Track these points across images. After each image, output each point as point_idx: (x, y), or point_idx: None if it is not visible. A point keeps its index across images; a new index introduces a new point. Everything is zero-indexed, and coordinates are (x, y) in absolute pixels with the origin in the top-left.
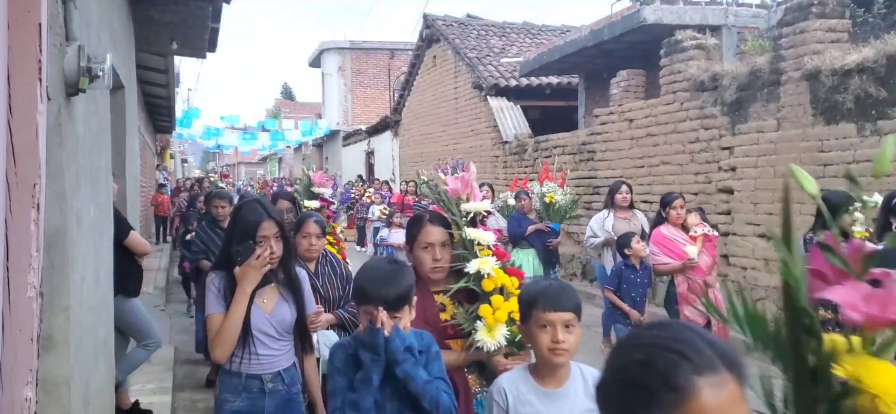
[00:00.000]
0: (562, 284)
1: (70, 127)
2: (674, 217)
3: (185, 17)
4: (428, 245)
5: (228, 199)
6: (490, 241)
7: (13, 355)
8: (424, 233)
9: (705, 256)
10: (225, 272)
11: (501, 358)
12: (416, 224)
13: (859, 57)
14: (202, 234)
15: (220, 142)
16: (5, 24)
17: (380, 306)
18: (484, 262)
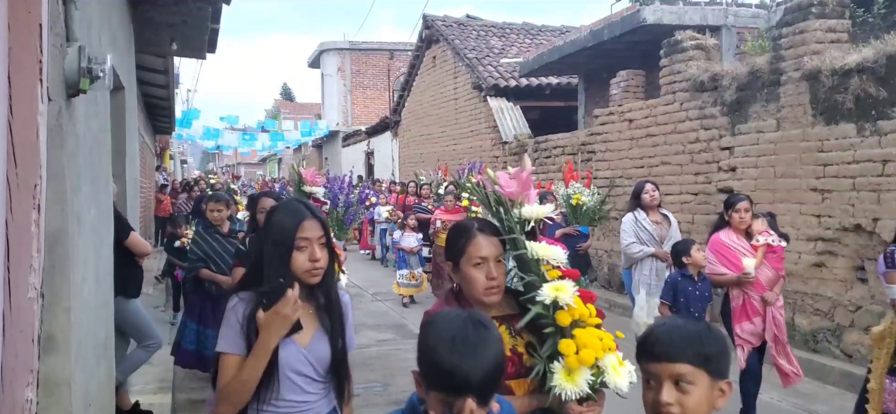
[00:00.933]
0: (679, 325)
1: (70, 128)
2: (736, 221)
3: (184, 17)
4: (480, 260)
5: (225, 203)
6: (562, 259)
7: (14, 356)
8: (475, 246)
9: (767, 270)
10: (252, 295)
11: (575, 405)
12: (462, 235)
13: (859, 57)
14: (199, 239)
15: (220, 143)
16: (6, 24)
17: (469, 397)
18: (561, 288)
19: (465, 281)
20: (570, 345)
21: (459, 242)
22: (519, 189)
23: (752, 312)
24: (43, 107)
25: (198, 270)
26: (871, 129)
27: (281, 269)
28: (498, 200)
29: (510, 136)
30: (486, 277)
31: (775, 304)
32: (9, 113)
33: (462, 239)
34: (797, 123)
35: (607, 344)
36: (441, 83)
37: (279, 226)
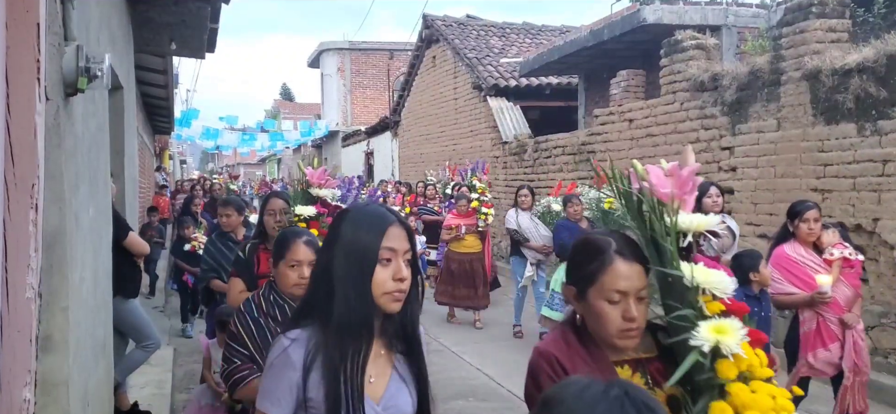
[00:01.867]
0: None
1: (69, 127)
2: (804, 232)
3: (183, 17)
4: (618, 296)
5: (236, 207)
6: (727, 288)
7: (11, 356)
8: (612, 275)
9: (844, 287)
10: (311, 335)
11: None
12: (594, 257)
13: (859, 57)
14: (212, 247)
15: (219, 143)
16: (3, 23)
17: None
18: (725, 330)
19: (593, 316)
20: (728, 409)
21: (590, 266)
22: (677, 190)
23: (829, 337)
24: (41, 106)
25: (209, 281)
26: (872, 129)
27: (360, 292)
28: (646, 204)
29: (510, 136)
30: (624, 316)
31: (856, 327)
32: (6, 112)
33: (594, 263)
34: (797, 123)
35: (782, 405)
36: (441, 83)
37: (356, 233)
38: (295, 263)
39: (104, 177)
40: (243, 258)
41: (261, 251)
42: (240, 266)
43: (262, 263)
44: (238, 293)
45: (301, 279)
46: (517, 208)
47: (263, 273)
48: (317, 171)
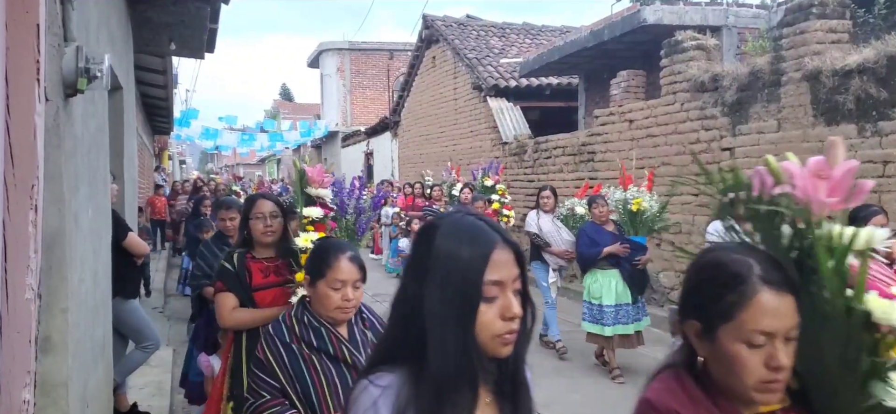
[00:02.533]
0: None
1: (68, 128)
2: None
3: (183, 17)
4: (763, 338)
5: (238, 209)
6: None
7: (11, 357)
8: (756, 309)
9: None
10: (403, 382)
11: None
12: (731, 284)
13: (860, 58)
14: (206, 252)
15: (219, 143)
16: (3, 24)
17: None
18: None
19: (723, 361)
20: None
21: (724, 297)
22: (835, 195)
23: None
24: (40, 107)
25: (202, 288)
26: (872, 130)
27: (461, 337)
28: (790, 213)
29: (510, 136)
30: (768, 364)
31: None
32: (6, 113)
33: (731, 294)
34: (798, 124)
35: None
36: (441, 83)
37: (454, 259)
38: (339, 286)
39: (104, 177)
40: (232, 270)
41: (250, 261)
42: (228, 279)
43: (255, 275)
44: (231, 310)
45: (345, 302)
46: (538, 210)
47: (258, 285)
48: (315, 169)
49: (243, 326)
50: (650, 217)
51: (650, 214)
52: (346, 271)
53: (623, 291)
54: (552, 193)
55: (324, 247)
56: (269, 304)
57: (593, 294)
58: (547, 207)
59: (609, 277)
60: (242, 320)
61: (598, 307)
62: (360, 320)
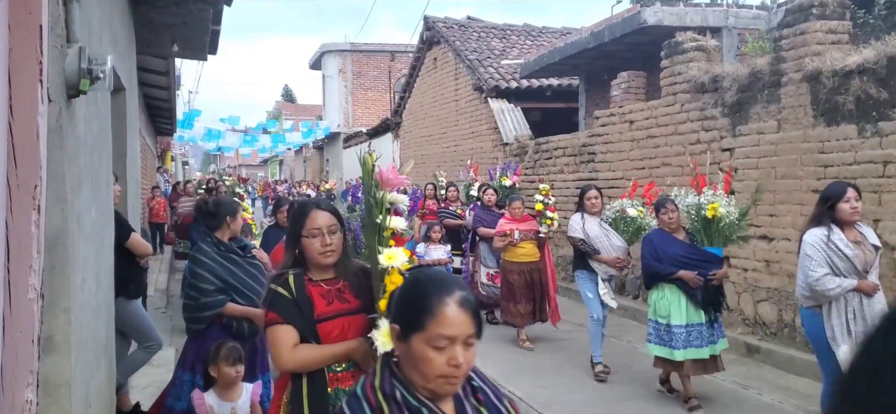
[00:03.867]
0: None
1: (71, 129)
2: None
3: (185, 19)
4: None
5: None
6: None
7: (14, 357)
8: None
9: None
10: None
11: None
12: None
13: (860, 58)
14: (209, 262)
15: (221, 144)
16: (6, 25)
17: None
18: None
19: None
20: None
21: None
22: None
23: None
24: (43, 108)
25: (223, 307)
26: (872, 131)
27: None
28: None
29: (511, 137)
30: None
31: None
32: (9, 114)
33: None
34: (798, 125)
35: None
36: (442, 85)
37: None
38: (444, 343)
39: (106, 178)
40: (289, 296)
41: (310, 286)
42: (285, 308)
43: (316, 302)
44: (291, 349)
45: (453, 369)
46: (583, 213)
47: (321, 315)
48: (388, 171)
49: (307, 367)
50: (728, 225)
51: (728, 222)
52: (455, 323)
53: (690, 310)
54: (599, 194)
55: (420, 283)
56: (335, 338)
57: (660, 312)
58: (593, 209)
59: (677, 294)
60: (307, 361)
61: (666, 327)
62: (471, 391)
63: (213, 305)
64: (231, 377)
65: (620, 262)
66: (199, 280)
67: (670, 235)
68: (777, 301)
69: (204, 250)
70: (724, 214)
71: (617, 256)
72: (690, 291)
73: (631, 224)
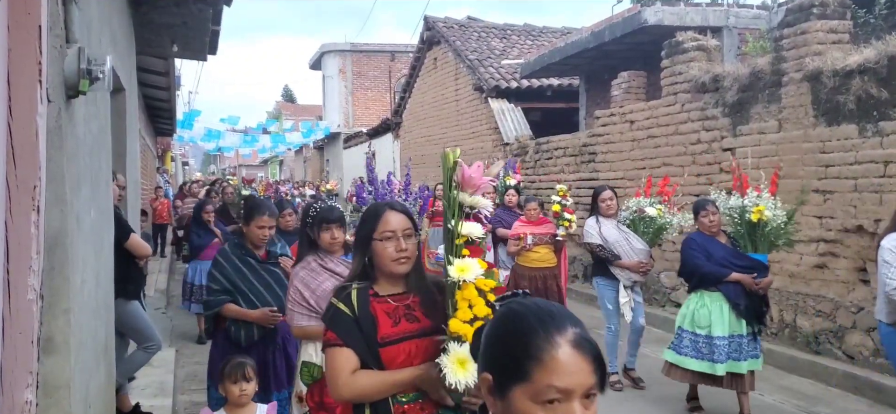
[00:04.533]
0: None
1: (70, 129)
2: None
3: (185, 19)
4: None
5: (275, 216)
6: None
7: (13, 358)
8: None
9: None
10: None
11: None
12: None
13: (861, 58)
14: (226, 263)
15: (221, 144)
16: (5, 25)
17: None
18: None
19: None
20: None
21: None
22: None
23: None
24: (42, 108)
25: (221, 307)
26: (873, 130)
27: None
28: None
29: (511, 137)
30: None
31: None
32: (8, 114)
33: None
34: (799, 124)
35: None
36: (442, 85)
37: None
38: (558, 397)
39: (106, 179)
40: (350, 315)
41: (374, 303)
42: (346, 327)
43: (381, 321)
44: (350, 374)
45: (333, 239)
46: (598, 216)
47: (386, 338)
48: (474, 167)
49: (367, 397)
50: (773, 230)
51: (773, 227)
52: (571, 371)
53: (733, 319)
54: (614, 195)
55: (520, 318)
56: (401, 364)
57: (699, 322)
58: (609, 211)
59: (719, 302)
60: (367, 390)
61: (706, 339)
62: None
63: (213, 303)
64: (235, 396)
65: (643, 266)
66: (210, 278)
67: (713, 239)
68: (778, 301)
69: (223, 250)
70: (770, 218)
71: (639, 259)
72: (734, 299)
73: (650, 224)
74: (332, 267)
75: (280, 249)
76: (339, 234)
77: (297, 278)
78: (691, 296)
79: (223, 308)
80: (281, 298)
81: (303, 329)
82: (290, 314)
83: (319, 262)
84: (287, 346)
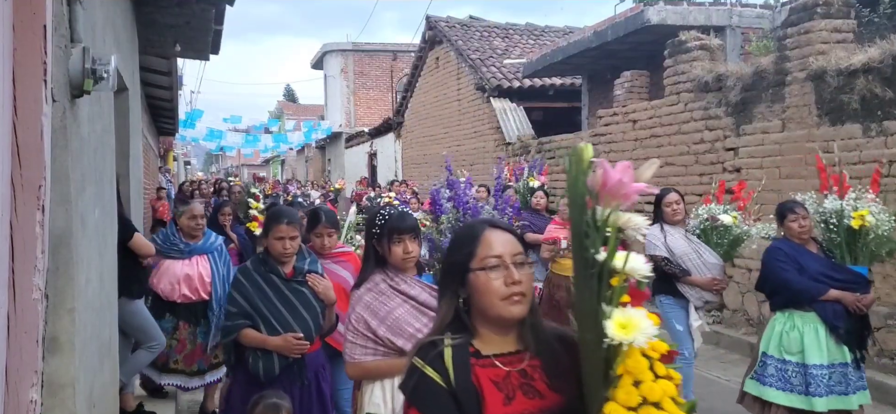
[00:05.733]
0: None
1: (75, 129)
2: None
3: (188, 19)
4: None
5: (299, 225)
6: None
7: (18, 357)
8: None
9: None
10: None
11: None
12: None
13: (865, 57)
14: (246, 281)
15: (223, 143)
16: (11, 26)
17: None
18: None
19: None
20: None
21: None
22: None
23: None
24: (47, 108)
25: (239, 332)
26: (877, 130)
27: None
28: None
29: (513, 137)
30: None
31: None
32: (13, 114)
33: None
34: (802, 124)
35: None
36: (444, 84)
37: None
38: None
39: (110, 178)
40: (445, 384)
41: (475, 363)
42: (437, 404)
43: (487, 392)
44: None
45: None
46: (662, 224)
47: None
48: (619, 167)
49: None
50: (877, 238)
51: (877, 235)
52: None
53: (831, 344)
54: (681, 199)
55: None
56: None
57: (789, 347)
58: (676, 217)
59: (813, 324)
60: None
61: (798, 367)
62: None
63: (229, 329)
64: None
65: (717, 283)
66: (228, 299)
67: (803, 248)
68: None
69: (245, 267)
70: (873, 224)
71: (712, 276)
72: (833, 321)
73: (725, 235)
74: (407, 289)
75: (309, 264)
76: (413, 247)
77: (361, 303)
78: (777, 316)
79: (241, 334)
80: (308, 322)
81: (364, 367)
82: (351, 348)
83: (389, 282)
84: (321, 382)
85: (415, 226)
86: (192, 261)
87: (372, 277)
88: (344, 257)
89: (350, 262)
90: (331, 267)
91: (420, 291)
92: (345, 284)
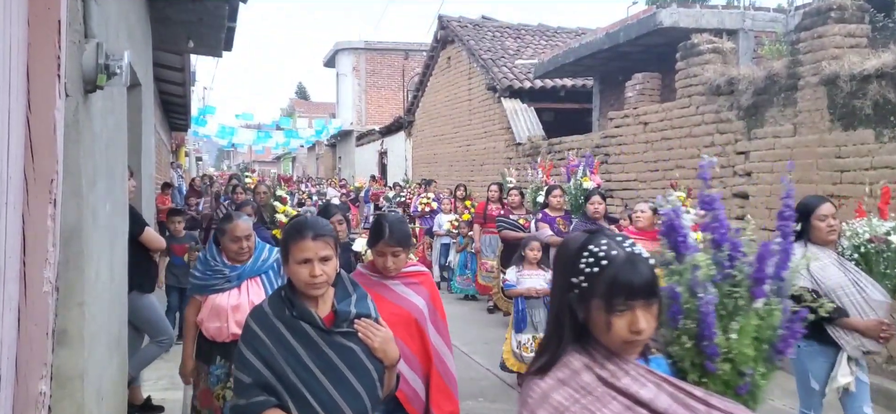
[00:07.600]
0: None
1: (87, 123)
2: None
3: (201, 15)
4: None
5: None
6: None
7: (28, 349)
8: None
9: None
10: None
11: None
12: None
13: (878, 62)
14: (259, 329)
15: (235, 140)
16: (25, 21)
17: None
18: None
19: None
20: None
21: None
22: None
23: None
24: (60, 102)
25: None
26: (890, 135)
27: None
28: None
29: (524, 137)
30: None
31: None
32: (27, 108)
33: None
34: (814, 128)
35: None
36: (455, 84)
37: None
38: None
39: (121, 173)
40: None
41: None
42: None
43: None
44: None
45: None
46: (806, 242)
47: None
48: None
49: None
50: None
51: None
52: None
53: None
54: (835, 210)
55: None
56: None
57: None
58: (831, 235)
59: None
60: None
61: None
62: None
63: (244, 409)
64: None
65: (886, 328)
66: (237, 361)
67: None
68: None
69: (259, 311)
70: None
71: (878, 318)
72: None
73: (893, 262)
74: (631, 388)
75: (356, 303)
76: (649, 320)
77: (548, 405)
78: None
79: None
80: (360, 395)
81: None
82: None
83: (599, 371)
84: None
85: (655, 284)
86: (241, 288)
87: (565, 360)
88: (416, 278)
89: (425, 285)
90: (400, 290)
91: (656, 392)
92: (418, 314)
